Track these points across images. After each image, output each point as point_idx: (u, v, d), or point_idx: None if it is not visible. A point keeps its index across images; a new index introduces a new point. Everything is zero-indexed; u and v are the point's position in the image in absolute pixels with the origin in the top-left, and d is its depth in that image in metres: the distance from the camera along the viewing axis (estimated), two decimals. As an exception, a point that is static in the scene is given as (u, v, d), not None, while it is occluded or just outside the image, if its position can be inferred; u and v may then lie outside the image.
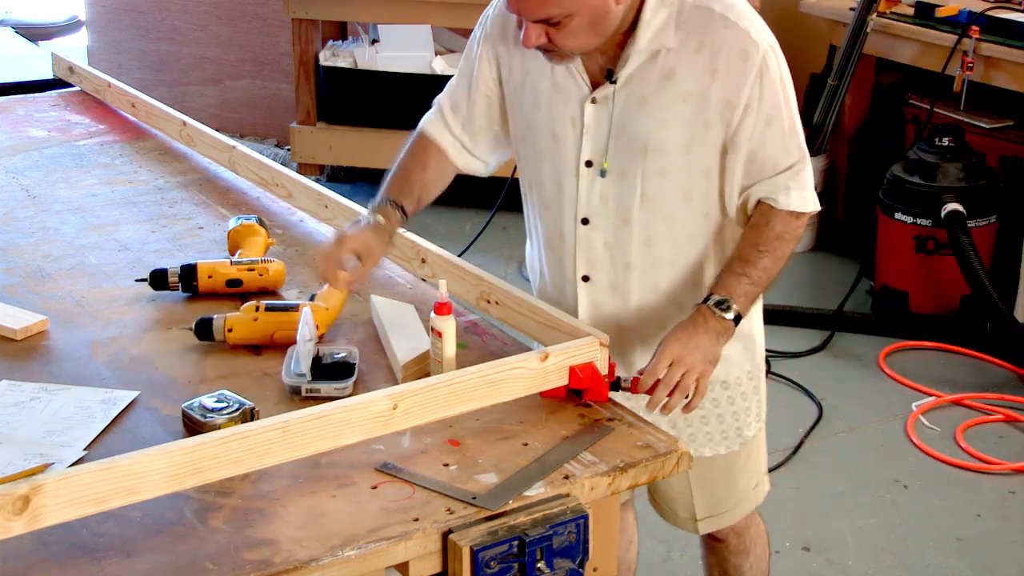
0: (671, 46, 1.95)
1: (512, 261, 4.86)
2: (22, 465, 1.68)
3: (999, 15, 4.27)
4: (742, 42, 1.93)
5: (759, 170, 1.99)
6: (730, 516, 2.29)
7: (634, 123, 1.99)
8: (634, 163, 2.01)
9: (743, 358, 2.16)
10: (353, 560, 1.53)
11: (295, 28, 5.19)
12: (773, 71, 1.96)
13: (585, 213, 2.07)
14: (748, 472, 2.28)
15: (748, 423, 2.21)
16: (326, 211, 2.50)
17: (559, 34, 1.91)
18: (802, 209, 2.01)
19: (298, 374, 1.90)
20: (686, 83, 1.95)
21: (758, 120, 1.96)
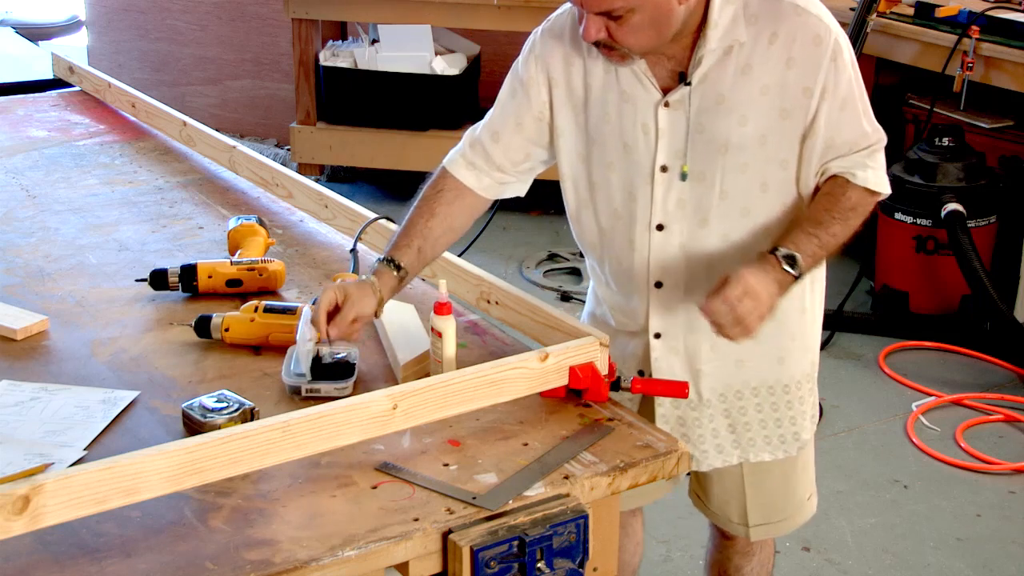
0: (743, 40, 1.94)
1: (512, 261, 4.86)
2: (22, 465, 1.68)
3: (999, 15, 4.27)
4: (814, 27, 1.94)
5: (837, 152, 1.99)
6: (785, 526, 2.26)
7: (713, 123, 1.97)
8: (713, 163, 1.99)
9: (802, 359, 2.15)
10: (353, 560, 1.53)
11: (295, 28, 5.19)
12: (845, 55, 1.96)
13: (660, 219, 2.03)
14: (804, 481, 2.25)
15: (804, 426, 2.18)
16: (326, 211, 2.50)
17: (620, 29, 1.89)
18: (877, 188, 2.01)
19: (298, 374, 1.90)
20: (763, 75, 1.94)
21: (834, 104, 1.96)
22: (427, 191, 2.10)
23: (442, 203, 2.07)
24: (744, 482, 2.20)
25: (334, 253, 2.44)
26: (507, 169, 2.11)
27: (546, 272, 4.77)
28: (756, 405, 2.13)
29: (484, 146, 2.09)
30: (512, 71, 2.11)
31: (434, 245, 2.06)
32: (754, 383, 2.12)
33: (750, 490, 2.20)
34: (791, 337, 2.11)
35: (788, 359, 2.12)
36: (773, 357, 2.11)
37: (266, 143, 5.88)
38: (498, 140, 2.09)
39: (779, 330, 2.07)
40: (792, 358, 2.12)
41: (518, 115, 2.09)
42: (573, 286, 4.64)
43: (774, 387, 2.13)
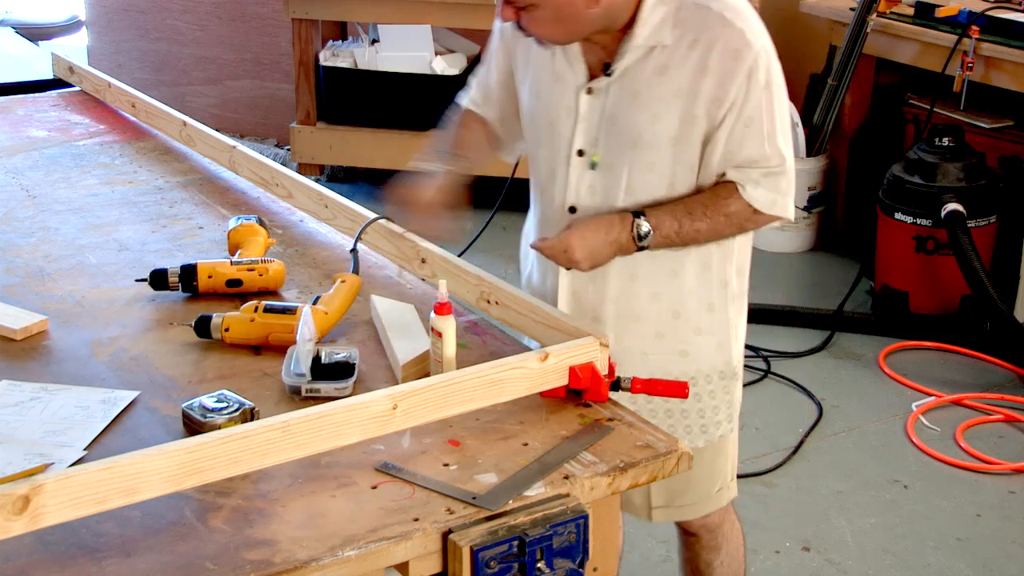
0: (667, 43, 1.99)
1: (512, 261, 4.84)
2: (22, 465, 1.68)
3: (999, 15, 4.28)
4: (736, 41, 1.96)
5: (734, 164, 2.03)
6: (687, 512, 2.30)
7: (625, 116, 2.03)
8: (622, 156, 2.05)
9: (715, 357, 2.19)
10: (353, 560, 1.53)
11: (295, 28, 5.19)
12: (761, 75, 1.98)
13: (573, 201, 2.11)
14: (712, 474, 2.28)
15: (716, 422, 2.23)
16: (326, 211, 2.50)
17: (526, 18, 1.97)
18: (765, 209, 2.04)
19: (298, 374, 1.90)
20: (678, 79, 1.99)
21: (739, 120, 1.99)
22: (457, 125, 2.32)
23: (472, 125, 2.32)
24: None
25: (334, 253, 2.44)
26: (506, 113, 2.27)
27: (546, 272, 4.76)
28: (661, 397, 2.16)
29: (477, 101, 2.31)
30: (492, 35, 2.27)
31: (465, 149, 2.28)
32: (658, 374, 2.13)
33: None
34: (695, 331, 2.16)
35: (692, 353, 2.16)
36: (675, 350, 2.16)
37: (266, 143, 5.88)
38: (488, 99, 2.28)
39: (679, 325, 2.14)
40: (697, 352, 2.17)
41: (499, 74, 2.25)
42: (573, 286, 4.64)
43: (679, 379, 2.12)
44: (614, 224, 2.02)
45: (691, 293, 2.13)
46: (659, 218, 2.02)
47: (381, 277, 2.34)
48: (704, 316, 2.16)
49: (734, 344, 2.21)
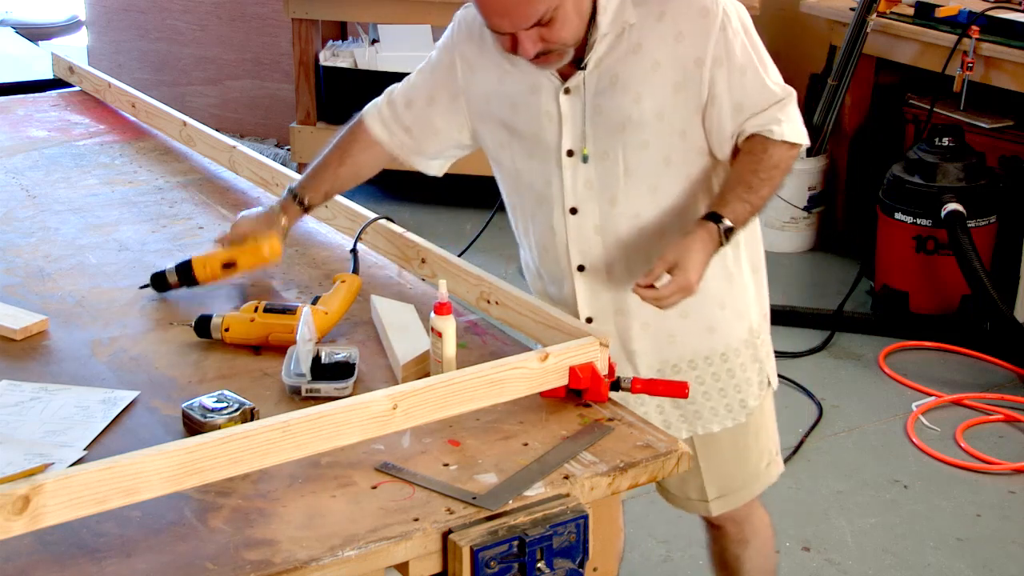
0: (633, 21, 1.99)
1: (512, 261, 4.86)
2: (22, 465, 1.68)
3: (999, 15, 4.28)
4: (700, 1, 1.98)
5: (748, 112, 2.02)
6: (742, 495, 2.28)
7: (609, 102, 2.02)
8: (613, 141, 2.04)
9: (737, 325, 2.17)
10: (353, 560, 1.53)
11: (295, 28, 5.19)
12: (735, 22, 2.00)
13: (573, 202, 2.10)
14: (758, 448, 2.27)
15: (751, 392, 2.21)
16: (326, 211, 2.49)
17: (552, 30, 1.93)
18: (795, 140, 2.04)
19: (298, 374, 1.90)
20: (653, 52, 1.99)
21: (732, 71, 2.00)
22: (344, 136, 2.30)
23: (353, 152, 2.29)
24: (696, 456, 2.21)
25: (334, 253, 2.44)
26: (417, 138, 2.24)
27: (546, 272, 4.77)
28: (696, 377, 2.16)
29: (397, 109, 2.25)
30: (438, 45, 2.21)
31: (340, 188, 2.33)
32: (689, 356, 2.15)
33: (703, 463, 2.23)
34: (719, 306, 2.14)
35: (719, 328, 2.15)
36: (702, 327, 2.14)
37: (266, 143, 5.88)
38: (411, 107, 2.24)
39: (703, 300, 2.10)
40: (724, 326, 2.15)
41: (432, 91, 2.21)
42: (573, 286, 4.64)
43: (710, 357, 2.15)
44: (707, 242, 1.97)
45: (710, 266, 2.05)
46: (733, 210, 1.99)
47: (381, 277, 2.34)
48: (723, 288, 2.13)
49: (751, 309, 2.19)
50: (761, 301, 2.22)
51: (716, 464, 2.24)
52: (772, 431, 2.31)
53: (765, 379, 2.24)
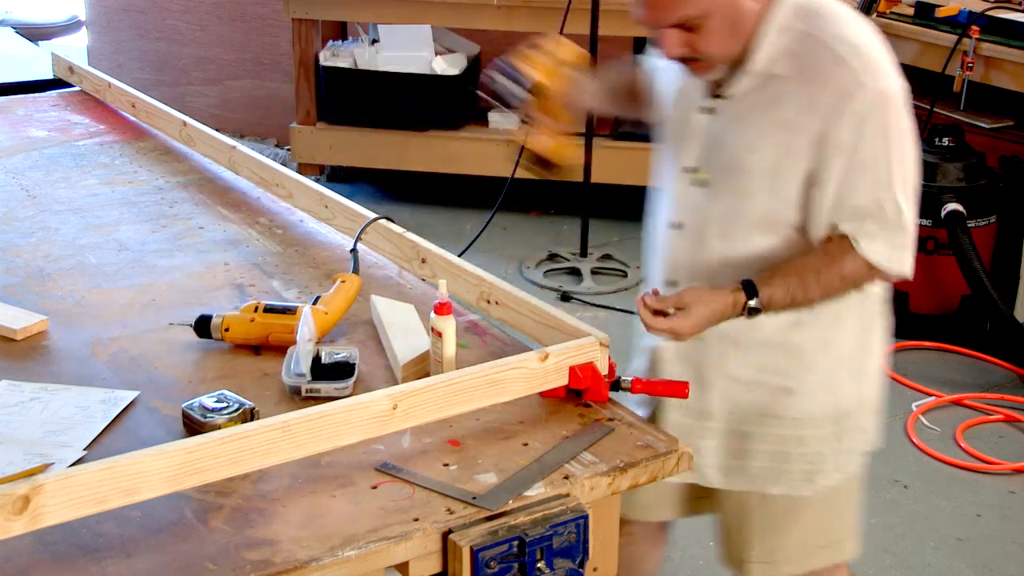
0: (782, 74, 1.91)
1: (512, 261, 4.86)
2: (22, 465, 1.68)
3: (999, 15, 4.27)
4: (849, 81, 1.87)
5: (846, 215, 1.92)
6: (786, 568, 2.17)
7: (727, 140, 1.97)
8: (720, 179, 1.99)
9: (826, 400, 2.06)
10: (353, 560, 1.53)
11: (295, 28, 5.20)
12: (876, 119, 1.88)
13: (675, 217, 2.06)
14: (821, 527, 2.15)
15: (823, 470, 2.09)
16: (326, 211, 2.50)
17: (699, 39, 1.88)
18: (879, 263, 1.93)
19: (298, 374, 1.90)
20: (786, 111, 1.91)
21: (852, 164, 1.89)
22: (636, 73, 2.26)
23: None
24: (746, 511, 2.14)
25: (334, 253, 2.44)
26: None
27: (546, 272, 4.77)
28: (762, 435, 2.07)
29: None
30: None
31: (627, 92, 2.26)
32: (760, 410, 2.07)
33: (755, 522, 2.14)
34: (805, 369, 2.05)
35: (800, 393, 2.04)
36: (779, 386, 2.05)
37: (266, 143, 5.88)
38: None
39: (787, 359, 2.04)
40: (804, 392, 2.05)
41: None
42: (573, 286, 4.64)
43: (782, 419, 2.06)
44: (727, 304, 1.92)
45: (797, 326, 2.01)
46: (772, 294, 1.92)
47: (381, 277, 2.34)
48: (815, 353, 2.04)
49: (849, 388, 2.07)
50: (865, 388, 2.10)
51: (768, 527, 2.14)
52: (846, 517, 2.18)
53: (843, 465, 2.11)
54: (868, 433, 2.13)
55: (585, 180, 4.76)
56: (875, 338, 2.11)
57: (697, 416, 2.10)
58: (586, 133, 4.72)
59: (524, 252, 4.94)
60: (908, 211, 1.92)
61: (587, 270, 4.74)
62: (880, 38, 1.95)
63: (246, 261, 2.40)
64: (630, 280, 4.70)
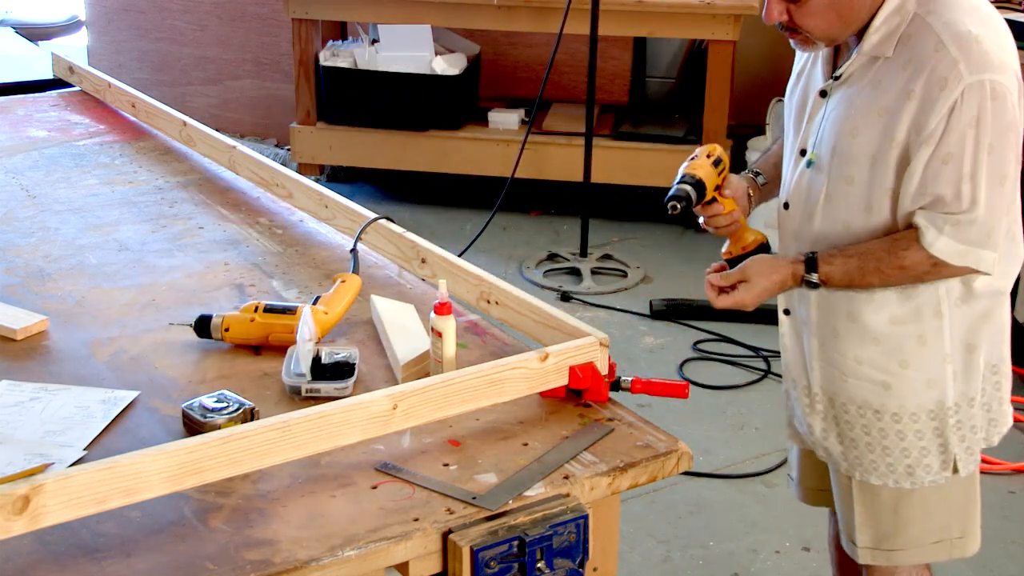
0: (888, 55, 1.92)
1: (512, 261, 4.86)
2: (22, 465, 1.68)
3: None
4: (946, 69, 1.85)
5: (924, 201, 1.92)
6: (898, 557, 2.15)
7: (835, 123, 2.00)
8: (827, 161, 2.01)
9: (925, 395, 2.06)
10: (353, 560, 1.53)
11: (295, 28, 5.19)
12: (969, 110, 1.85)
13: (787, 197, 2.11)
14: (926, 521, 2.14)
15: (925, 465, 2.08)
16: (326, 211, 2.50)
17: (799, 11, 1.92)
18: (950, 260, 1.92)
19: (298, 374, 1.90)
20: (886, 96, 1.92)
21: (936, 154, 1.88)
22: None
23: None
24: (854, 498, 2.15)
25: (334, 253, 2.44)
26: None
27: (546, 272, 4.77)
28: (863, 426, 2.09)
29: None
30: None
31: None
32: (858, 401, 2.09)
33: (858, 507, 2.15)
34: (901, 364, 2.05)
35: (897, 387, 2.05)
36: (876, 380, 2.06)
37: (266, 143, 5.88)
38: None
39: (883, 353, 2.05)
40: (903, 387, 2.05)
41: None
42: (573, 286, 4.64)
43: (880, 412, 2.07)
44: (787, 276, 2.02)
45: (893, 322, 2.03)
46: (831, 272, 1.99)
47: (381, 277, 2.34)
48: (911, 348, 2.04)
49: (952, 384, 2.06)
50: (970, 382, 2.07)
51: (873, 516, 2.15)
52: (956, 514, 2.15)
53: (950, 461, 2.09)
54: (980, 431, 2.11)
55: (585, 180, 4.76)
56: (983, 335, 2.07)
57: (806, 394, 2.17)
58: (586, 133, 4.73)
59: (524, 252, 4.94)
60: (988, 206, 1.90)
61: (587, 270, 4.74)
62: (1003, 29, 1.93)
63: (246, 261, 2.40)
64: (630, 280, 4.70)
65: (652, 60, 5.51)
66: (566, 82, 5.37)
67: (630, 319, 4.40)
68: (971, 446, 2.10)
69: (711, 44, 4.86)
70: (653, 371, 4.00)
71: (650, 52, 5.48)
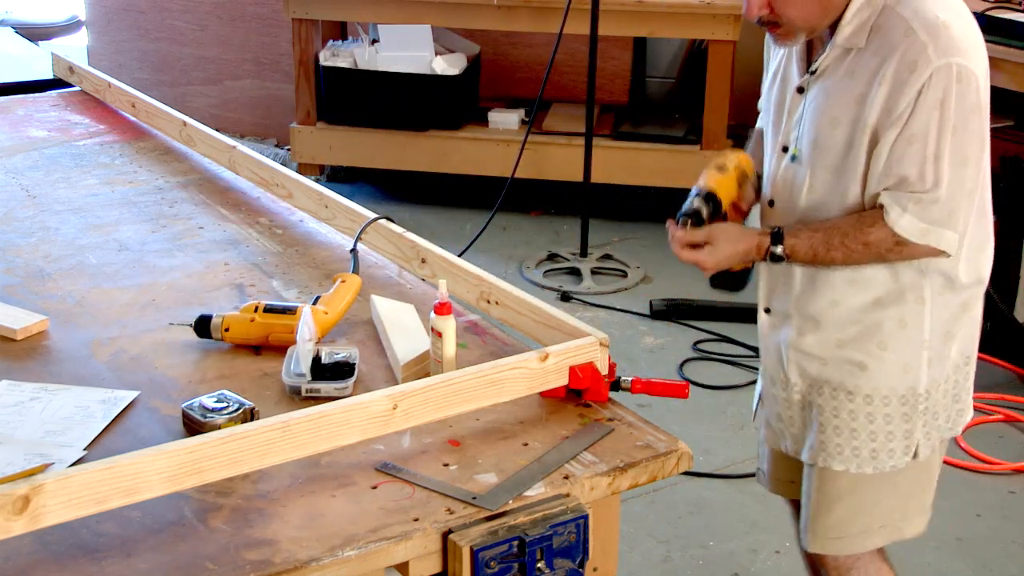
0: (861, 46, 1.95)
1: (512, 261, 4.86)
2: (22, 465, 1.68)
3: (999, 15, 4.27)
4: (915, 53, 1.88)
5: (889, 181, 1.95)
6: (845, 545, 2.18)
7: (814, 116, 2.02)
8: (808, 154, 2.04)
9: (899, 379, 2.08)
10: (353, 560, 1.53)
11: (295, 28, 5.19)
12: (935, 92, 1.88)
13: (771, 194, 2.13)
14: (882, 507, 2.15)
15: (889, 450, 2.10)
16: (326, 211, 2.50)
17: (780, 1, 1.94)
18: (908, 236, 1.95)
19: (298, 374, 1.90)
20: (859, 85, 1.95)
21: (902, 135, 1.91)
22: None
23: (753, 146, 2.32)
24: (813, 486, 2.17)
25: (334, 253, 2.44)
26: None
27: (546, 272, 4.77)
28: (833, 408, 2.11)
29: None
30: None
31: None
32: (834, 383, 2.11)
33: (817, 495, 2.17)
34: (880, 346, 2.07)
35: (873, 368, 2.07)
36: (854, 361, 2.08)
37: (266, 143, 5.88)
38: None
39: (862, 334, 2.07)
40: (878, 369, 2.07)
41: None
42: (573, 286, 4.64)
43: (853, 394, 2.09)
44: (752, 246, 2.05)
45: (877, 305, 2.05)
46: (796, 246, 2.01)
47: (381, 277, 2.34)
48: (892, 331, 2.06)
49: (924, 374, 2.08)
50: (943, 373, 2.10)
51: (828, 502, 2.16)
52: (910, 499, 2.18)
53: (912, 447, 2.12)
54: (942, 420, 2.15)
55: (585, 180, 4.76)
56: (961, 324, 2.12)
57: (782, 387, 2.18)
58: (586, 133, 4.73)
59: (524, 252, 4.94)
60: (951, 187, 1.93)
61: (587, 270, 4.74)
62: (969, 18, 1.96)
63: (246, 261, 2.40)
64: (630, 280, 4.69)
65: (652, 60, 5.51)
66: (566, 82, 5.37)
67: (630, 319, 4.40)
68: (931, 432, 2.14)
69: (711, 44, 4.86)
70: (653, 371, 4.00)
71: (650, 52, 5.48)
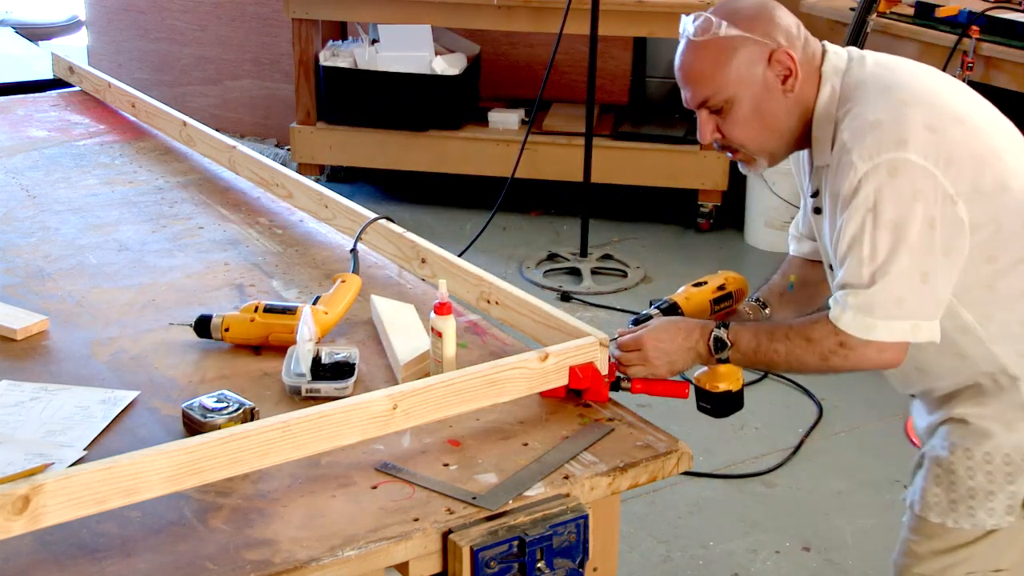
0: (828, 163, 1.88)
1: (512, 261, 4.86)
2: (22, 465, 1.68)
3: (999, 15, 4.27)
4: (847, 165, 1.81)
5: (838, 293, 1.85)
6: None
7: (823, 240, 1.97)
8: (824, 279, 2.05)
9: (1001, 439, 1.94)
10: (353, 560, 1.53)
11: (295, 28, 5.19)
12: (865, 196, 1.78)
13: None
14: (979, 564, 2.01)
15: (988, 509, 1.96)
16: (326, 211, 2.50)
17: (726, 125, 1.88)
18: (850, 331, 1.82)
19: (298, 374, 1.90)
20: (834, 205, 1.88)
21: (843, 247, 1.82)
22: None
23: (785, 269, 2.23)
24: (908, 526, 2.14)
25: (334, 253, 2.44)
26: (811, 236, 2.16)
27: (546, 272, 4.77)
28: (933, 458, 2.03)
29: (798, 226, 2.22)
30: None
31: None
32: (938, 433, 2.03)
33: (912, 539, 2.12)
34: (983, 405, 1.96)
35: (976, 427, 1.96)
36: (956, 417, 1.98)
37: (266, 143, 5.88)
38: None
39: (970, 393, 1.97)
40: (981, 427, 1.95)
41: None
42: (573, 286, 4.64)
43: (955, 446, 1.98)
44: (693, 332, 1.93)
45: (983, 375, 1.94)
46: (739, 334, 1.91)
47: (381, 277, 2.34)
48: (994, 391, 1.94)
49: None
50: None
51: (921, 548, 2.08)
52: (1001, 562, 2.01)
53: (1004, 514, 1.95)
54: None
55: (585, 180, 4.76)
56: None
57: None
58: (586, 133, 4.73)
59: (524, 252, 4.94)
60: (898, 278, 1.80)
61: (587, 270, 4.74)
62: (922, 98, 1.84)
63: (246, 261, 2.40)
64: (630, 280, 4.69)
65: (652, 60, 5.51)
66: (566, 82, 5.37)
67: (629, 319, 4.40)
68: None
69: (711, 44, 4.85)
70: (653, 371, 3.99)
71: (650, 52, 5.49)
